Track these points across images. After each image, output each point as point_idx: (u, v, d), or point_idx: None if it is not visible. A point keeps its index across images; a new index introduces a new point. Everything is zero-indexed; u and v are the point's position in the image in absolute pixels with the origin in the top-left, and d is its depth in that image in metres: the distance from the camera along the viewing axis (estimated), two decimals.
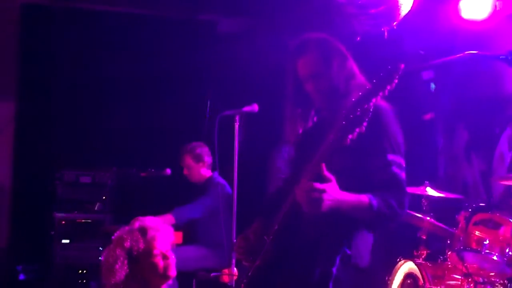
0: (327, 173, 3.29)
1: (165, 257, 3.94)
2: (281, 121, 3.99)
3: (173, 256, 3.98)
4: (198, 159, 7.21)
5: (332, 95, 3.66)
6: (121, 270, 3.86)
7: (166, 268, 3.94)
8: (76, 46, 8.56)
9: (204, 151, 7.25)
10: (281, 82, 3.95)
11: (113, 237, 3.99)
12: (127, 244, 3.89)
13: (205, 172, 7.28)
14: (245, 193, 5.50)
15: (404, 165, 3.54)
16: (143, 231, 3.95)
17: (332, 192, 3.28)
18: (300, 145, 3.90)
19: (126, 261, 3.87)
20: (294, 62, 3.78)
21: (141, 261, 3.90)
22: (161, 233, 4.00)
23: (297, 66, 3.77)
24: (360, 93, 3.30)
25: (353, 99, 3.30)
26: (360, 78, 3.71)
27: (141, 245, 3.90)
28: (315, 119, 3.86)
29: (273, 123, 4.18)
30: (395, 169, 3.48)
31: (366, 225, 3.53)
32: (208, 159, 7.25)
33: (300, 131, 3.88)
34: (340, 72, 3.65)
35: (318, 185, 3.25)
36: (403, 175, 3.52)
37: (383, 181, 3.46)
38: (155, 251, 3.91)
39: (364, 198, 3.37)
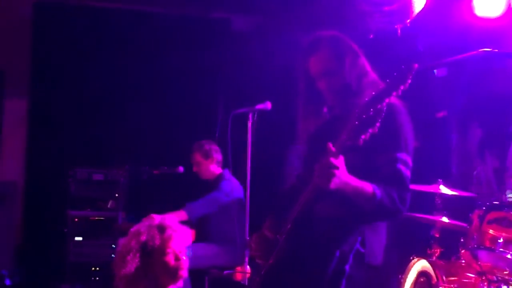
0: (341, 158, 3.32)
1: (177, 258, 3.94)
2: (294, 119, 3.98)
3: (185, 258, 3.98)
4: (207, 155, 7.23)
5: (344, 92, 3.67)
6: (132, 262, 3.88)
7: (176, 269, 3.94)
8: (89, 44, 8.58)
9: (213, 148, 7.27)
10: (294, 80, 3.94)
11: (131, 229, 4.01)
12: (143, 238, 3.91)
13: (215, 169, 7.30)
14: (258, 190, 5.49)
15: (410, 164, 3.57)
16: (161, 228, 3.96)
17: (343, 170, 3.31)
18: (312, 143, 3.91)
19: (138, 254, 3.88)
20: (306, 60, 3.79)
21: (153, 258, 3.91)
22: (178, 234, 4.01)
23: (309, 64, 3.77)
24: (374, 93, 3.30)
25: (366, 99, 3.30)
26: (372, 75, 3.72)
27: (157, 242, 3.91)
28: (327, 117, 3.86)
29: (286, 120, 4.16)
30: (400, 166, 3.51)
31: (366, 215, 3.53)
32: (217, 156, 7.27)
33: (313, 129, 3.89)
34: (352, 70, 3.66)
35: (334, 161, 3.27)
36: (407, 172, 3.55)
37: (386, 176, 3.49)
38: (168, 250, 3.92)
39: (368, 186, 3.42)
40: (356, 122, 3.25)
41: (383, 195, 3.41)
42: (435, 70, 7.55)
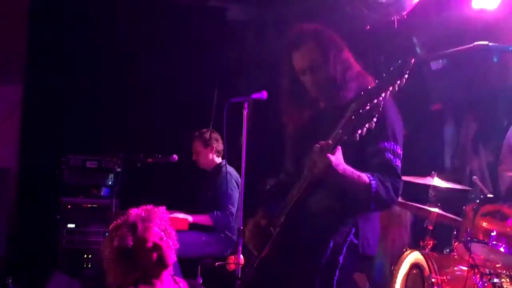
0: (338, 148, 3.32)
1: (157, 247, 3.93)
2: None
3: (168, 243, 3.98)
4: (207, 144, 7.23)
5: (329, 86, 3.67)
6: (117, 269, 3.89)
7: (161, 258, 3.94)
8: (85, 31, 8.53)
9: (214, 137, 7.27)
10: (278, 74, 3.94)
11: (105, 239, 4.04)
12: (115, 243, 3.90)
13: (214, 158, 7.29)
14: (253, 180, 5.48)
15: (400, 153, 3.59)
16: (132, 226, 3.95)
17: (339, 162, 3.33)
18: (299, 138, 3.90)
19: (118, 259, 3.88)
20: (289, 55, 3.78)
21: (135, 255, 3.90)
22: (153, 221, 4.00)
23: (293, 58, 3.76)
24: (370, 87, 3.30)
25: (362, 93, 3.30)
26: (356, 68, 3.73)
27: (130, 242, 3.89)
28: (312, 111, 3.85)
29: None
30: (389, 155, 3.52)
31: (361, 205, 3.54)
32: (217, 145, 7.26)
33: (298, 123, 3.88)
34: (336, 63, 3.66)
35: (330, 157, 3.29)
36: (397, 161, 3.56)
37: (376, 166, 3.51)
38: (148, 244, 3.91)
39: (364, 176, 3.41)
40: (353, 117, 3.24)
41: (378, 184, 3.42)
42: (430, 63, 7.55)
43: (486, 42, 5.47)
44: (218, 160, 7.32)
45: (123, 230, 3.93)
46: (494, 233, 5.24)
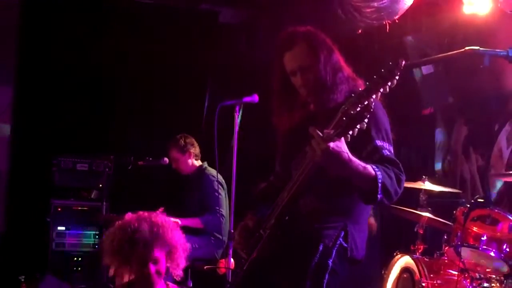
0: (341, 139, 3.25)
1: (156, 261, 3.96)
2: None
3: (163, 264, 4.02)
4: (184, 150, 7.22)
5: (319, 88, 3.67)
6: (121, 251, 3.90)
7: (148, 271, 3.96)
8: (76, 32, 8.52)
9: (189, 141, 7.26)
10: (269, 76, 3.93)
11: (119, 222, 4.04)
12: (131, 228, 3.92)
13: (193, 162, 7.28)
14: (244, 183, 5.47)
15: (393, 152, 3.56)
16: (151, 224, 3.97)
17: (342, 149, 3.24)
18: (288, 141, 3.90)
19: (126, 245, 3.90)
20: (281, 56, 3.77)
21: (136, 248, 3.92)
22: (166, 230, 4.03)
23: (284, 59, 3.76)
24: (360, 89, 3.29)
25: (353, 95, 3.29)
26: (346, 70, 3.74)
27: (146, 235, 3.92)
28: (302, 113, 3.84)
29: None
30: (386, 153, 3.50)
31: (362, 195, 3.48)
32: (194, 149, 7.26)
33: (287, 126, 3.88)
34: (327, 65, 3.66)
35: (334, 146, 3.20)
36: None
37: (377, 160, 3.45)
38: (155, 249, 3.93)
39: (369, 167, 3.34)
40: (344, 118, 3.23)
41: (383, 175, 3.36)
42: (421, 67, 7.57)
43: (477, 47, 5.47)
44: (198, 163, 7.32)
45: (144, 224, 3.99)
46: (484, 238, 5.24)
